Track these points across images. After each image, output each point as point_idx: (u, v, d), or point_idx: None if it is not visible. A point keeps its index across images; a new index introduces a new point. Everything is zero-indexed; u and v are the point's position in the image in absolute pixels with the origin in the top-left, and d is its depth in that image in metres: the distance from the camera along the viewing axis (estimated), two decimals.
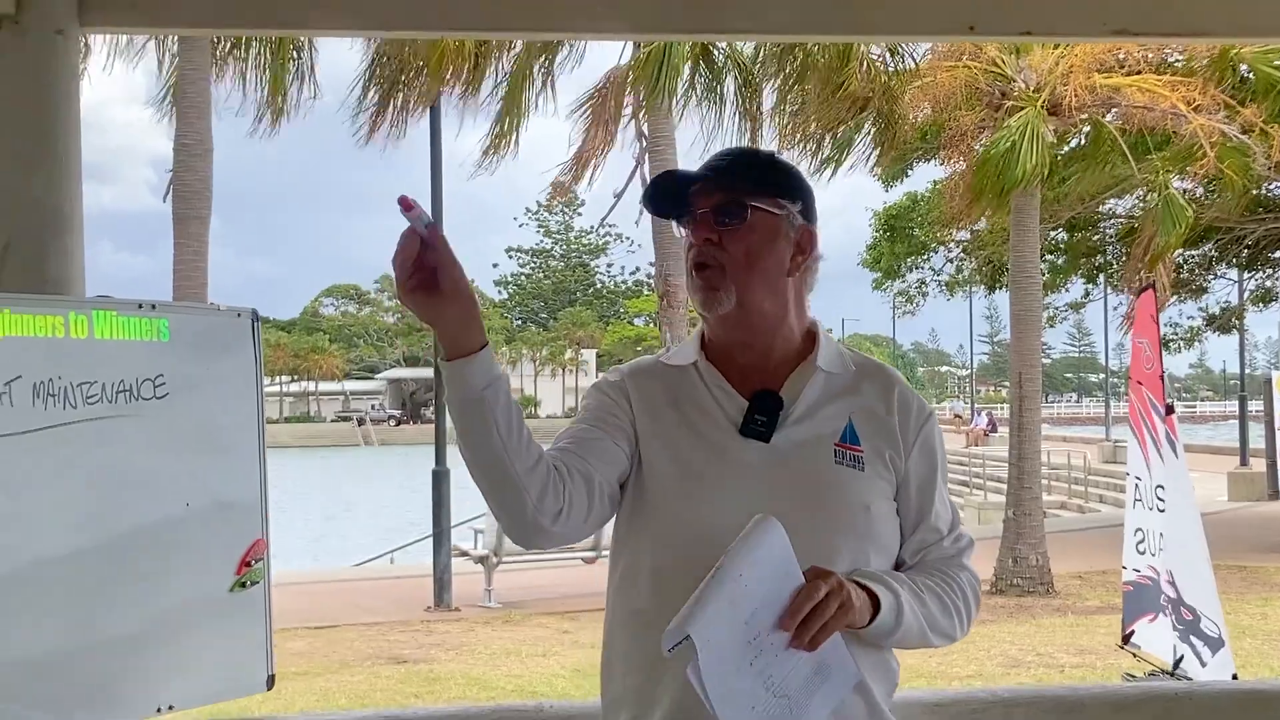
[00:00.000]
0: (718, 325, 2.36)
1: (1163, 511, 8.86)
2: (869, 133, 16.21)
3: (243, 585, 3.73)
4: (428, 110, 15.29)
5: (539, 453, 2.13)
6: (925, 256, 27.24)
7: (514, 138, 15.44)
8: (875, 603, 2.16)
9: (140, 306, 3.45)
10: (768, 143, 15.57)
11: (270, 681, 3.85)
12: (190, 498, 3.62)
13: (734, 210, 2.29)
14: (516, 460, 2.09)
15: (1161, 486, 8.88)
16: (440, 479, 16.11)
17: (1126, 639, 9.35)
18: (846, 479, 2.27)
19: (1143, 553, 9.17)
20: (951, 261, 27.25)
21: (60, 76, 3.68)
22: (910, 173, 23.07)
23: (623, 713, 2.30)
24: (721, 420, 2.30)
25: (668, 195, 2.38)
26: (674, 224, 2.45)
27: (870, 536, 2.27)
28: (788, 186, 2.36)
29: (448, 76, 14.42)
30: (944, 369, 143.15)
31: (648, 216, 15.81)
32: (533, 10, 3.72)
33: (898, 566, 2.33)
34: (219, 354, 3.71)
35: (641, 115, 15.91)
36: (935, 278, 28.26)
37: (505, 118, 15.27)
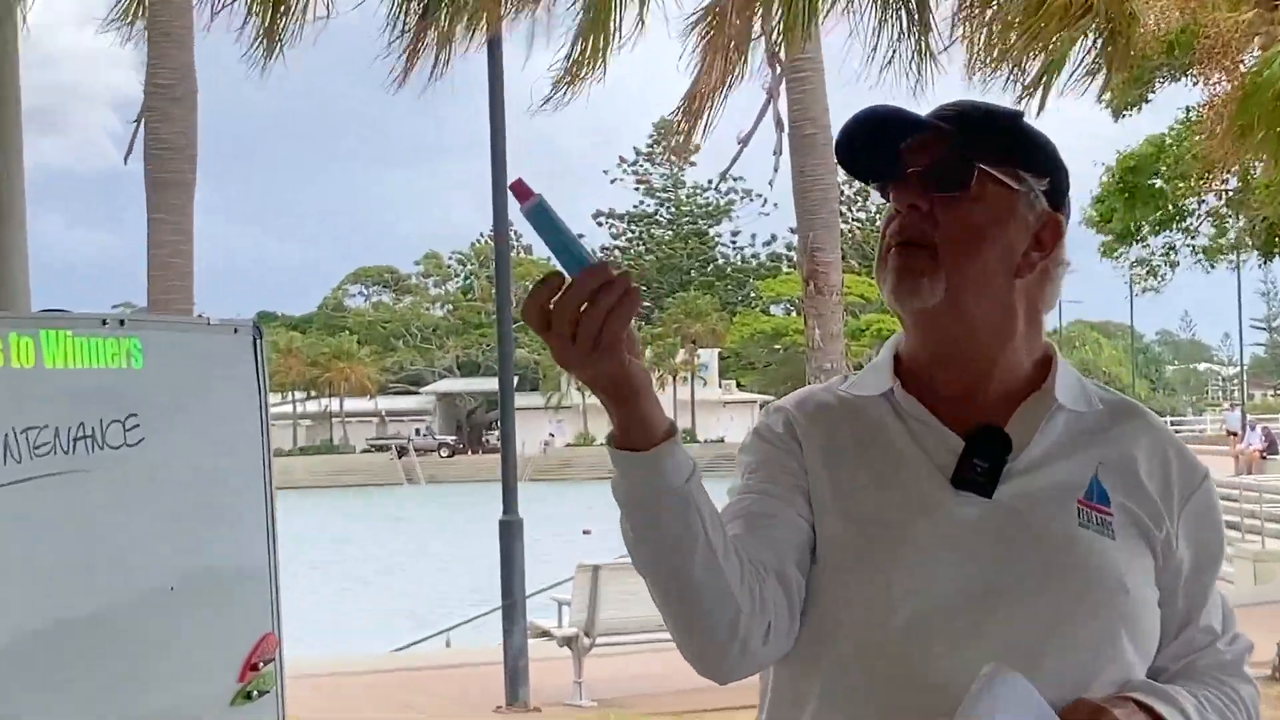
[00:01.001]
0: (917, 333, 2.37)
1: None
2: (1091, 45, 16.01)
3: (248, 696, 3.76)
4: (485, 34, 15.34)
5: (738, 552, 2.15)
6: (1178, 219, 26.89)
7: (599, 63, 15.41)
8: None
9: (105, 323, 3.47)
10: (951, 62, 15.43)
11: None
12: (175, 578, 3.64)
13: (956, 172, 2.30)
14: (728, 570, 2.11)
15: None
16: (510, 532, 16.16)
17: None
18: (1096, 547, 2.26)
19: None
20: (1211, 220, 26.89)
21: None
22: (1151, 98, 22.77)
23: None
24: (925, 467, 2.31)
25: (870, 146, 2.36)
26: (870, 188, 2.45)
27: (1128, 627, 2.25)
28: (1034, 156, 2.36)
29: None
30: (1202, 367, 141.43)
31: (785, 170, 15.81)
32: None
33: (1154, 676, 2.30)
34: (210, 383, 3.74)
35: (775, 36, 15.86)
36: (1188, 242, 27.89)
37: (587, 37, 15.24)
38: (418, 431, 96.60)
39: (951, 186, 2.29)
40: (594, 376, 1.98)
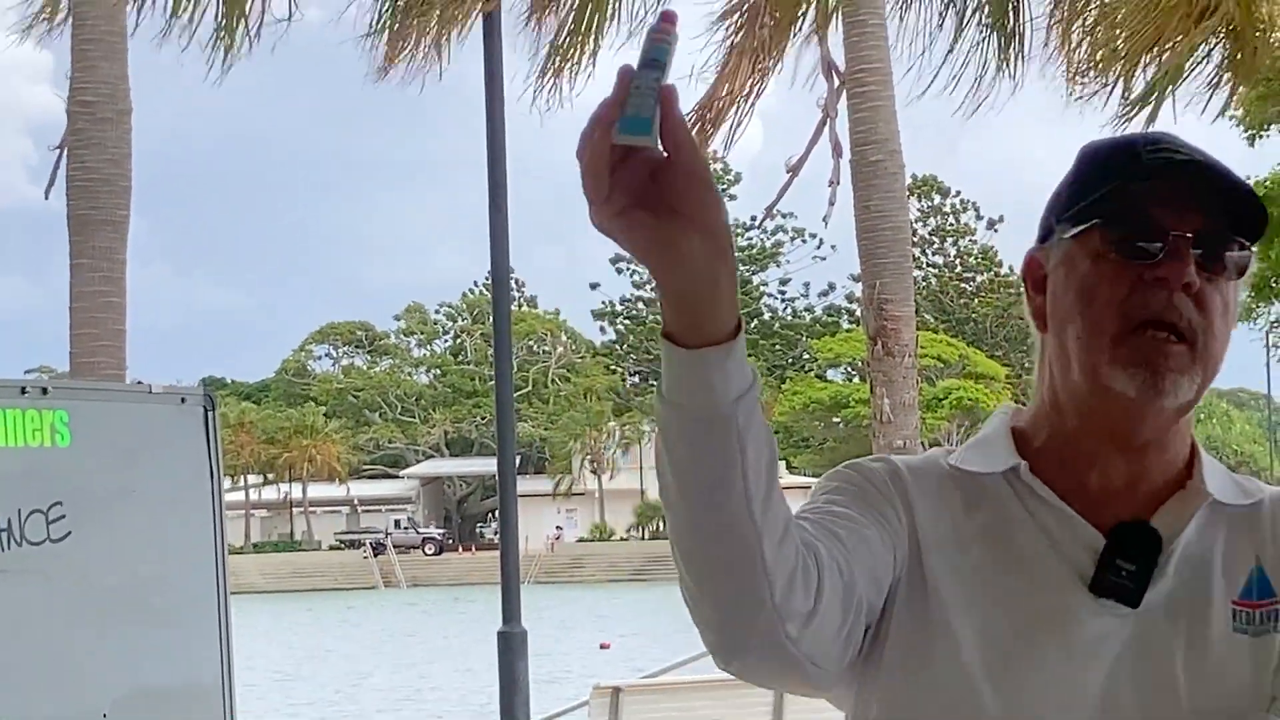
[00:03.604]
0: (1107, 420, 2.34)
1: None
2: (1215, 48, 16.07)
3: None
4: (479, 32, 15.38)
5: (786, 516, 2.10)
6: None
7: (589, 46, 15.41)
8: None
9: (24, 391, 3.51)
10: (1040, 68, 15.49)
11: None
12: (109, 701, 3.66)
13: (1225, 251, 2.32)
14: (765, 525, 2.04)
15: None
16: (511, 646, 16.13)
17: None
18: (1247, 652, 2.30)
19: None
20: None
21: None
22: None
23: None
24: (1057, 567, 2.32)
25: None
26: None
27: None
28: (1257, 222, 2.35)
29: None
30: None
31: (845, 205, 15.81)
32: None
33: None
34: (152, 464, 3.77)
35: (831, 31, 15.87)
36: None
37: (575, 35, 15.22)
38: (397, 524, 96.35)
39: (1218, 266, 2.30)
40: (619, 238, 1.96)
